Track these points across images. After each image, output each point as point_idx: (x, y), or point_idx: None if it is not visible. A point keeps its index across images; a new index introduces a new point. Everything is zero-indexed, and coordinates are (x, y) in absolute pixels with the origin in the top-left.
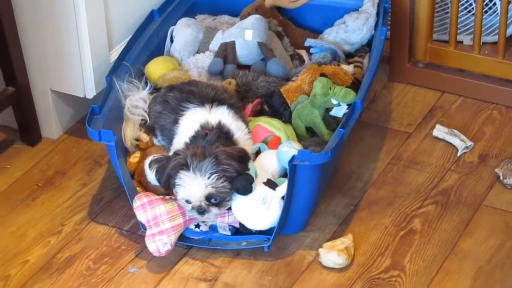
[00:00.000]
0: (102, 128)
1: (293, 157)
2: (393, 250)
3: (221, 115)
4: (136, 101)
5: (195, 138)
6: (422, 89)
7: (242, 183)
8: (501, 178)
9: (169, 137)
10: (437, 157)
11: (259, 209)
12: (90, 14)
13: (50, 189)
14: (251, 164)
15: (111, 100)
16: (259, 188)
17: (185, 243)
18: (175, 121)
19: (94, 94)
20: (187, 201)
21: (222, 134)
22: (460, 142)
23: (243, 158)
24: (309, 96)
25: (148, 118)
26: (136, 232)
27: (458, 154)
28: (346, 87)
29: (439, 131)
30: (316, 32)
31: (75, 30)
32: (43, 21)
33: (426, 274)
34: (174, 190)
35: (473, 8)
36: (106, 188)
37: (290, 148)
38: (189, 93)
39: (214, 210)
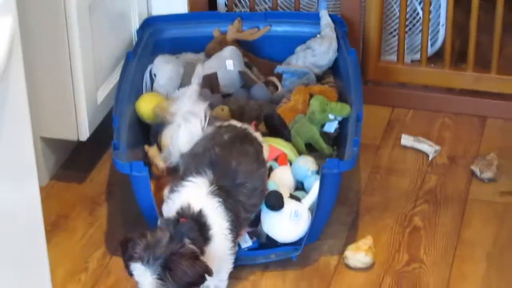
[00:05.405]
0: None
1: (323, 167)
2: (406, 246)
3: (206, 203)
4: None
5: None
6: (373, 106)
7: (277, 198)
8: (478, 174)
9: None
10: (411, 163)
11: (292, 222)
12: (84, 57)
13: (59, 232)
14: (272, 182)
15: (123, 135)
16: (287, 202)
17: None
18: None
19: (88, 136)
20: None
21: (197, 226)
22: (429, 147)
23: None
24: (304, 114)
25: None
26: None
27: (430, 158)
28: None
29: (406, 140)
30: (275, 61)
31: (70, 75)
32: (36, 69)
33: (444, 263)
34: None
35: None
36: (115, 225)
37: (307, 162)
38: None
39: None
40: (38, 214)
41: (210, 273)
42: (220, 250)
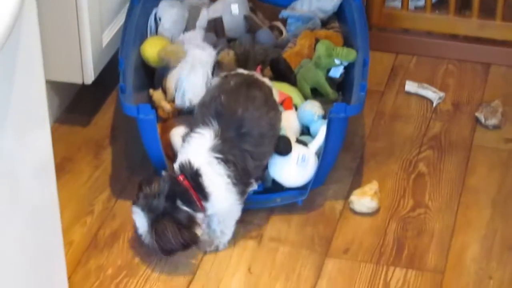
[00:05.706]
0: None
1: (330, 111)
2: (411, 192)
3: (203, 159)
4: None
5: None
6: (377, 52)
7: (285, 143)
8: (483, 120)
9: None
10: (416, 109)
11: (299, 167)
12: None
13: (64, 174)
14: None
15: (129, 78)
16: (295, 147)
17: None
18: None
19: (93, 79)
20: None
21: (195, 185)
22: (433, 93)
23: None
24: (310, 59)
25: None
26: None
27: (434, 105)
28: None
29: (410, 86)
30: (280, 6)
31: (75, 18)
32: (41, 11)
33: (449, 209)
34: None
35: None
36: (120, 168)
37: (313, 107)
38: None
39: None
40: (50, 157)
41: (196, 243)
42: (222, 204)
